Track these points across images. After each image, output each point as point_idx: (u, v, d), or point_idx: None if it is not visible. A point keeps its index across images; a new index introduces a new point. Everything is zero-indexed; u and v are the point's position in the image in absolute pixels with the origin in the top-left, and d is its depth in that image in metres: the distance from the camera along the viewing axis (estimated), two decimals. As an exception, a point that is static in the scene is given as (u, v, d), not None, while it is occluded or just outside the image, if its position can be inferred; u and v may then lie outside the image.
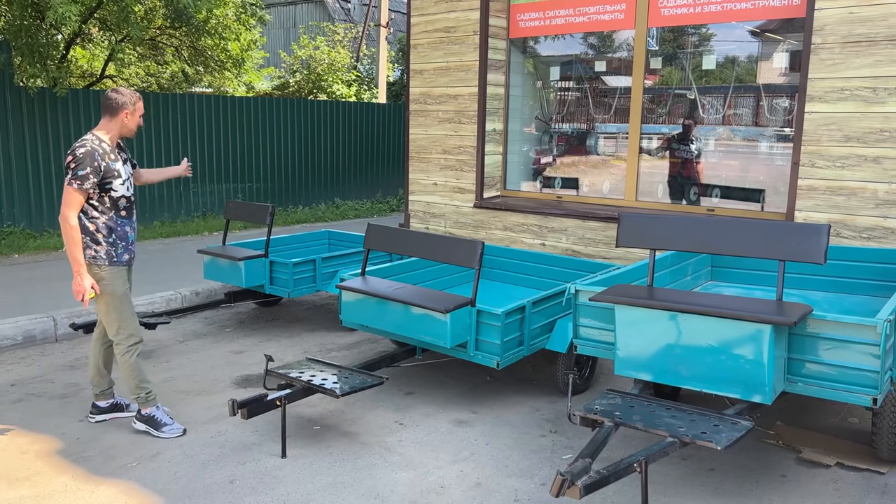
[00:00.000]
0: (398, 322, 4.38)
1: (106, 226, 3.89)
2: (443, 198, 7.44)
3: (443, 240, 4.51)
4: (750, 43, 6.26)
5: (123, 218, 3.97)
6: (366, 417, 4.35)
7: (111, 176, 3.86)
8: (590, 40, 7.11)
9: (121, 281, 3.97)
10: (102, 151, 3.82)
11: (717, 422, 2.88)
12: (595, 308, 3.64)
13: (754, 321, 2.90)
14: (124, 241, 3.98)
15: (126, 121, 3.93)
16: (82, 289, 3.80)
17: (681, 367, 3.18)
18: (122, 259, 3.97)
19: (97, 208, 3.87)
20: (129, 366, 4.00)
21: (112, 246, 3.91)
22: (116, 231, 3.93)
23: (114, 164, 3.88)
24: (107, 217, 3.90)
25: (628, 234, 3.61)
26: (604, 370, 5.20)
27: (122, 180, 3.93)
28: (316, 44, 17.28)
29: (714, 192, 6.44)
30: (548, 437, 4.13)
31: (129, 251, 4.02)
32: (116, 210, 3.93)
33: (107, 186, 3.86)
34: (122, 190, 3.93)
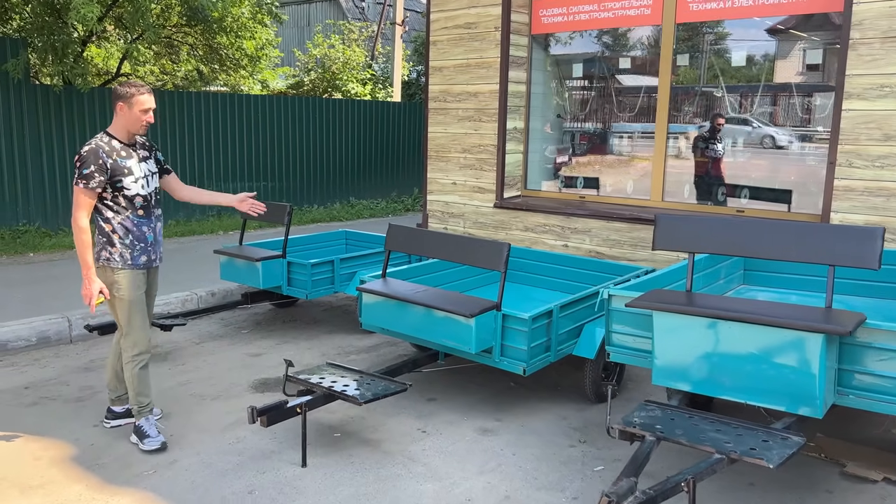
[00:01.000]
0: (420, 326, 4.24)
1: (122, 226, 3.76)
2: (462, 197, 7.29)
3: (467, 241, 4.37)
4: (779, 41, 6.06)
5: (141, 217, 3.82)
6: (387, 424, 4.22)
7: (120, 174, 3.70)
8: (614, 36, 6.94)
9: (134, 285, 3.81)
10: (109, 149, 3.68)
11: (765, 437, 2.72)
12: (630, 314, 3.48)
13: (806, 330, 2.74)
14: (142, 241, 3.82)
15: (123, 114, 3.71)
16: (89, 293, 3.69)
17: (724, 377, 3.01)
18: (138, 261, 3.81)
19: (112, 208, 3.74)
20: (130, 375, 3.87)
21: (128, 248, 3.77)
22: (133, 232, 3.78)
23: (124, 162, 3.72)
24: (122, 217, 3.76)
25: (665, 236, 3.45)
26: (631, 376, 5.03)
27: (134, 178, 3.76)
28: (331, 42, 17.18)
29: (742, 193, 6.25)
30: (577, 447, 3.98)
31: (147, 253, 3.86)
32: (133, 209, 3.78)
33: (118, 185, 3.70)
34: (137, 188, 3.77)
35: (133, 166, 3.76)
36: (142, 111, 3.73)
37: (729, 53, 6.26)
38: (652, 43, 6.62)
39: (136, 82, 3.76)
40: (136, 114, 3.71)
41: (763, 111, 6.30)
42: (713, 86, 6.51)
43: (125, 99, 3.69)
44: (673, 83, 6.24)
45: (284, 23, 13.52)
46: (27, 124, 9.21)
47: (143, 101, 3.72)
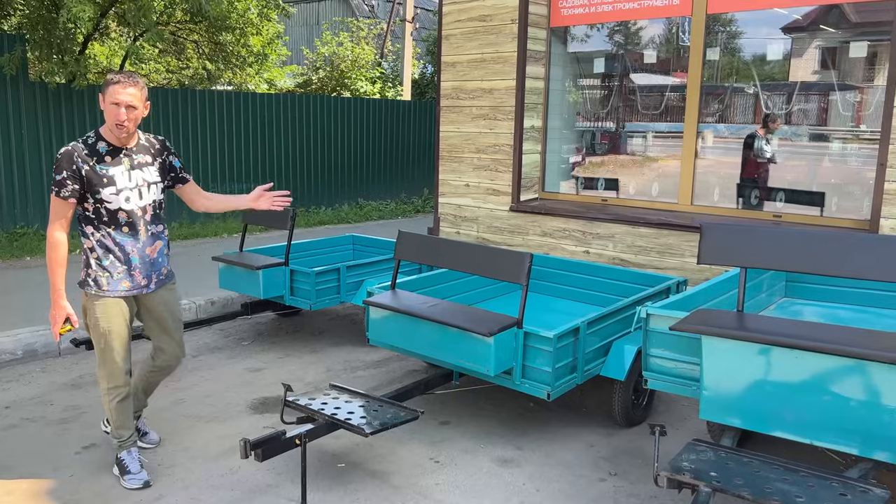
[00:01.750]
0: (433, 344, 3.85)
1: (101, 244, 3.23)
2: (475, 200, 6.89)
3: (485, 251, 3.97)
4: (810, 36, 5.64)
5: (125, 235, 3.24)
6: (397, 453, 3.83)
7: (97, 184, 3.13)
8: (639, 29, 6.52)
9: (111, 315, 3.26)
10: (88, 152, 3.13)
11: (841, 489, 2.31)
12: (672, 336, 3.08)
13: (892, 363, 2.33)
14: (124, 264, 3.25)
15: (103, 108, 3.13)
16: (53, 318, 3.23)
17: (786, 413, 2.61)
18: (116, 287, 3.25)
19: (91, 222, 3.22)
20: (107, 408, 3.44)
21: (105, 270, 3.23)
22: (113, 251, 3.23)
23: (104, 169, 3.15)
24: (102, 233, 3.22)
25: (713, 249, 3.04)
26: (662, 397, 4.62)
27: (115, 189, 3.17)
28: (339, 40, 16.82)
29: (778, 196, 5.83)
30: (608, 480, 3.57)
31: (130, 277, 3.28)
32: (116, 225, 3.22)
33: (97, 196, 3.15)
34: (119, 202, 3.18)
35: (117, 175, 3.19)
36: (112, 104, 3.08)
37: (757, 49, 5.84)
38: (678, 37, 6.20)
39: (123, 71, 3.20)
40: (108, 108, 3.11)
41: (800, 109, 5.87)
42: (743, 83, 6.09)
43: (102, 90, 3.13)
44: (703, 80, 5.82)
45: (292, 21, 13.19)
46: (25, 123, 8.89)
47: (111, 92, 3.07)
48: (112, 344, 3.31)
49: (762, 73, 5.95)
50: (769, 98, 5.97)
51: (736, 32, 5.94)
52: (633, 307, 4.38)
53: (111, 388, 3.38)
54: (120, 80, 3.10)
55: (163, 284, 3.47)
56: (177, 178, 3.53)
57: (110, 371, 3.36)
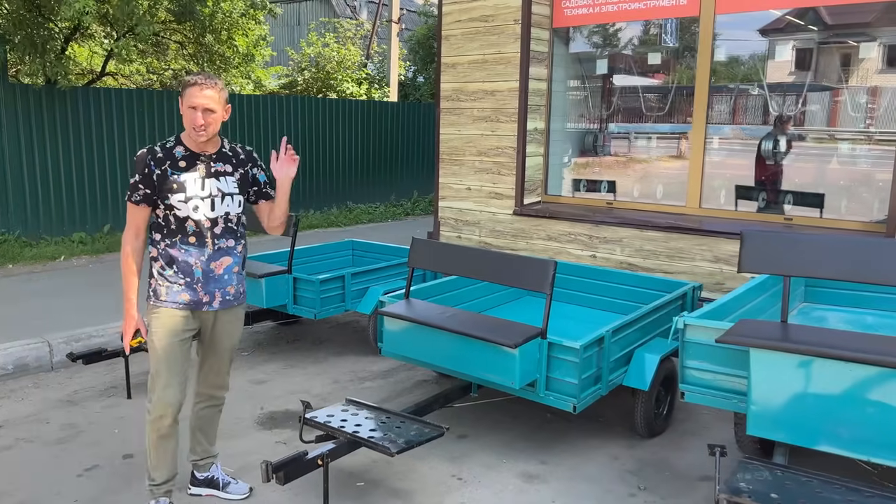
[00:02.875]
0: (454, 356, 3.71)
1: (166, 253, 3.00)
2: (477, 204, 6.76)
3: (505, 259, 3.84)
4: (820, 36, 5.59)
5: (191, 245, 2.99)
6: (417, 470, 3.68)
7: (167, 189, 2.93)
8: (645, 30, 6.43)
9: (168, 328, 2.99)
10: (164, 155, 2.95)
11: (911, 510, 2.21)
12: (711, 348, 2.96)
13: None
14: (187, 275, 2.99)
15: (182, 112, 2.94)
16: (124, 329, 3.06)
17: (840, 428, 2.50)
18: (176, 298, 2.99)
19: (161, 229, 3.01)
20: (147, 441, 3.12)
21: (166, 280, 3.00)
22: (178, 262, 2.99)
23: (177, 175, 2.94)
24: (168, 242, 2.99)
25: (755, 257, 2.93)
26: (680, 405, 4.51)
27: (184, 197, 2.94)
28: (325, 40, 16.60)
29: (787, 199, 5.76)
30: (638, 495, 3.45)
31: (192, 290, 3.00)
32: (182, 234, 2.98)
33: (166, 202, 2.95)
34: (187, 210, 2.95)
35: (188, 182, 2.95)
36: (189, 107, 2.89)
37: (774, 47, 5.78)
38: (685, 36, 6.12)
39: (202, 72, 2.99)
40: (185, 112, 2.91)
41: (809, 110, 5.81)
42: (749, 84, 6.03)
43: (180, 92, 2.93)
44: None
45: (274, 21, 12.96)
46: (5, 125, 8.59)
47: (188, 95, 2.88)
48: (161, 366, 3.00)
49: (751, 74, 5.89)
50: (773, 99, 5.91)
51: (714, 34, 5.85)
52: (652, 314, 4.28)
53: (155, 419, 3.04)
54: (197, 81, 2.88)
55: (228, 306, 3.14)
56: (260, 194, 3.22)
57: (158, 398, 3.02)
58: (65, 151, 9.06)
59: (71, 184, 9.16)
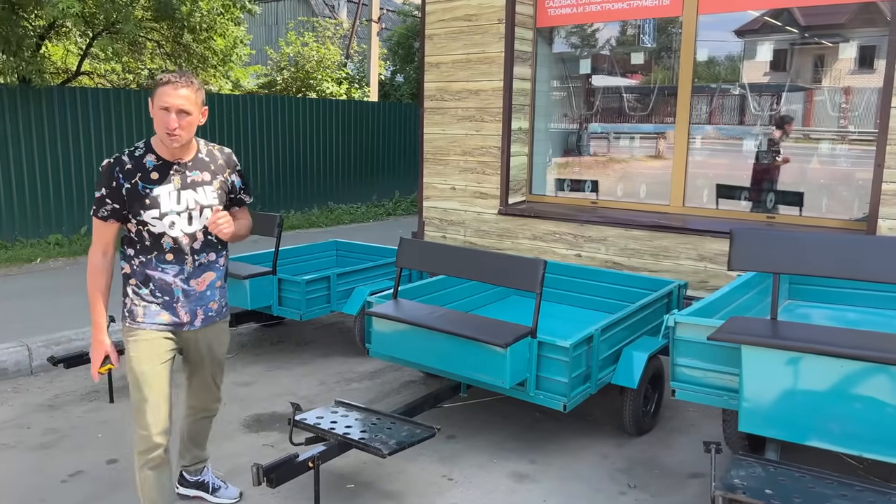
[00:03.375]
0: (444, 356, 3.69)
1: (141, 271, 2.74)
2: (462, 203, 6.75)
3: (495, 258, 3.83)
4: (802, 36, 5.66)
5: (168, 263, 2.73)
6: (407, 471, 3.66)
7: (139, 205, 2.64)
8: (626, 30, 6.47)
9: (148, 352, 2.73)
10: (133, 166, 2.64)
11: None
12: (702, 345, 2.98)
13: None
14: (166, 294, 2.75)
15: (152, 115, 2.64)
16: (92, 356, 2.75)
17: (832, 424, 2.53)
18: (154, 319, 2.74)
19: (134, 244, 2.74)
20: (136, 476, 2.82)
21: (142, 300, 2.74)
22: (154, 281, 2.73)
23: (148, 188, 2.64)
24: (143, 259, 2.73)
25: (744, 255, 2.95)
26: (668, 403, 4.54)
27: (159, 213, 2.67)
28: (304, 40, 16.50)
29: (769, 198, 5.83)
30: (628, 494, 3.47)
31: (171, 309, 2.76)
32: (159, 252, 2.72)
33: (139, 218, 2.67)
34: (162, 227, 2.68)
35: (163, 196, 2.67)
36: (161, 109, 2.58)
37: (756, 47, 5.84)
38: (668, 37, 6.17)
39: (176, 71, 2.68)
40: (157, 114, 2.60)
41: (787, 110, 5.88)
42: (730, 84, 6.09)
43: (151, 93, 2.63)
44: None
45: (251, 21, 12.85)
46: (-21, 126, 8.42)
47: (161, 94, 2.58)
48: (145, 393, 2.72)
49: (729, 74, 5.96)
50: (754, 99, 5.98)
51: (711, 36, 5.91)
52: (640, 313, 4.30)
53: (143, 451, 2.76)
54: (171, 79, 2.59)
55: (210, 322, 2.91)
56: (234, 200, 2.95)
57: (143, 429, 2.74)
58: (40, 152, 8.91)
59: (46, 185, 9.01)
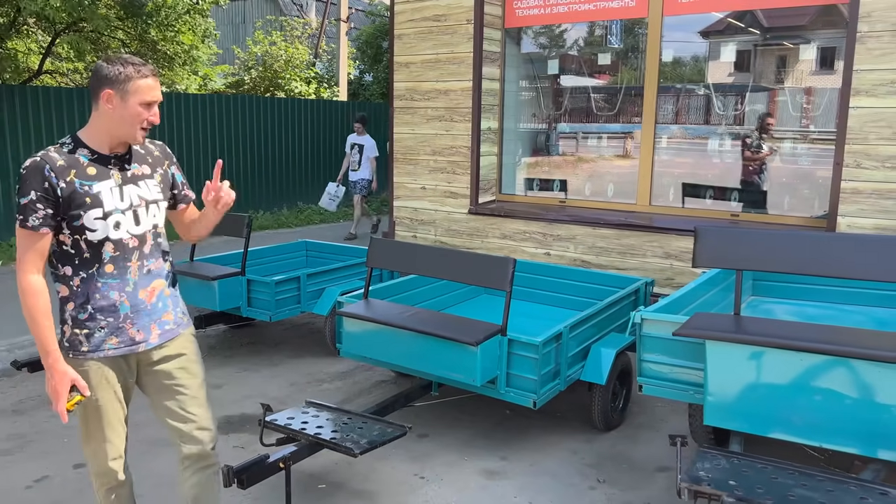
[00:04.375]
0: (415, 355, 3.71)
1: (81, 291, 2.34)
2: (432, 203, 6.77)
3: (465, 257, 3.86)
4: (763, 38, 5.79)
5: (110, 276, 2.35)
6: (379, 471, 3.66)
7: (79, 205, 2.27)
8: (594, 31, 6.55)
9: (98, 386, 2.38)
10: (65, 164, 2.27)
11: (861, 493, 2.31)
12: (668, 341, 3.04)
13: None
14: (110, 314, 2.36)
15: (109, 109, 2.30)
16: (56, 391, 2.28)
17: (793, 416, 2.60)
18: (101, 346, 2.36)
19: (71, 260, 2.33)
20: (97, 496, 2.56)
21: (82, 325, 2.35)
22: (94, 300, 2.34)
23: (88, 186, 2.29)
24: (83, 276, 2.34)
25: (708, 252, 3.02)
26: (636, 399, 4.61)
27: (102, 212, 2.30)
28: (272, 39, 16.37)
29: (733, 196, 5.95)
30: (598, 488, 3.52)
31: (118, 331, 2.37)
32: (98, 263, 2.33)
33: (76, 223, 2.29)
34: (105, 229, 2.32)
35: (104, 192, 2.32)
36: (143, 104, 2.31)
37: (719, 48, 5.95)
38: (634, 37, 6.26)
39: (130, 58, 2.34)
40: (134, 109, 2.30)
41: (751, 110, 6.00)
42: (695, 84, 6.20)
43: (117, 84, 2.28)
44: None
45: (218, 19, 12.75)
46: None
47: (145, 89, 2.31)
48: (97, 421, 2.42)
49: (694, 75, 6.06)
50: (719, 99, 6.09)
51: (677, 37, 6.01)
52: (607, 310, 4.36)
53: (96, 474, 2.52)
54: (144, 72, 2.32)
55: (171, 337, 2.51)
56: (178, 197, 2.63)
57: (98, 463, 2.48)
58: (1, 152, 8.72)
59: (7, 186, 8.82)
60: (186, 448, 2.56)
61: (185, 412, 2.54)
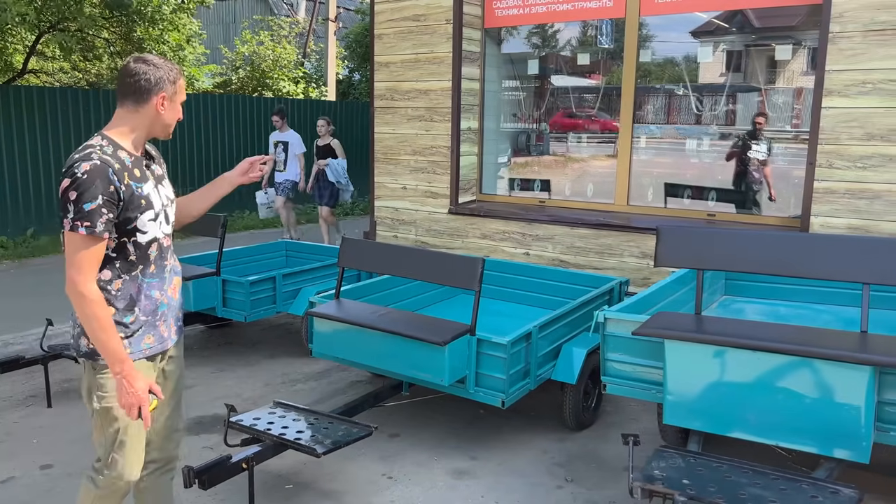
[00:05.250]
0: (384, 355, 3.71)
1: (122, 294, 2.30)
2: (413, 203, 6.77)
3: (434, 257, 3.86)
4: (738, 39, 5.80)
5: (152, 276, 2.36)
6: (347, 471, 3.66)
7: (136, 207, 2.26)
8: (573, 31, 6.55)
9: None
10: (120, 166, 2.22)
11: (812, 491, 2.32)
12: (631, 340, 3.04)
13: (854, 362, 2.35)
14: (150, 314, 2.36)
15: (162, 111, 2.31)
16: (135, 399, 2.21)
17: (749, 415, 2.60)
18: (139, 348, 2.33)
19: (114, 264, 2.29)
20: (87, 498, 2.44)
21: (127, 328, 2.30)
22: (140, 302, 2.33)
23: (140, 187, 2.28)
24: (126, 279, 2.30)
25: (670, 252, 3.02)
26: (609, 398, 4.61)
27: (153, 213, 2.33)
28: (260, 39, 16.34)
29: (710, 196, 5.96)
30: (565, 487, 3.52)
31: (155, 330, 2.38)
32: (144, 265, 2.33)
33: (129, 227, 2.27)
34: (154, 230, 2.34)
35: (152, 194, 2.34)
36: (181, 103, 2.41)
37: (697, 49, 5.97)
38: (615, 38, 6.27)
39: (161, 58, 2.36)
40: (178, 108, 2.38)
41: (728, 110, 6.02)
42: (674, 85, 6.21)
43: (170, 85, 2.30)
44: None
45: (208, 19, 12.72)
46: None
47: (183, 88, 2.41)
48: (136, 433, 2.36)
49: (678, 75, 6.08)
50: (697, 98, 6.11)
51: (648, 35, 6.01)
52: (580, 309, 4.36)
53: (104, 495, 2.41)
54: (179, 70, 2.39)
55: (181, 333, 2.57)
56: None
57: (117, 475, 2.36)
58: (-18, 152, 8.69)
59: (-10, 186, 8.79)
60: (165, 456, 2.55)
61: (176, 419, 2.55)
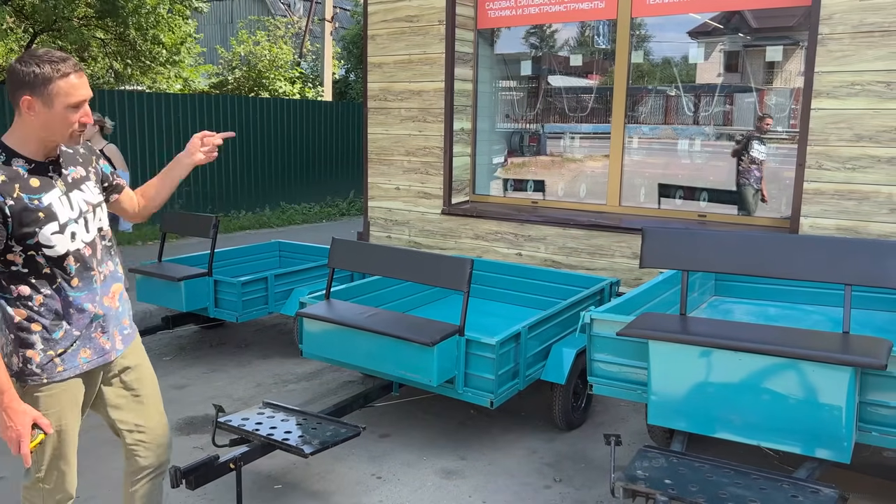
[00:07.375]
0: (373, 355, 3.72)
1: (47, 308, 2.17)
2: (406, 203, 6.78)
3: (423, 257, 3.87)
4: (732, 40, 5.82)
5: (77, 290, 2.22)
6: (336, 470, 3.67)
7: (32, 221, 2.10)
8: (566, 32, 6.57)
9: (60, 409, 2.22)
10: (6, 178, 2.07)
11: (793, 491, 2.33)
12: (617, 341, 3.06)
13: (835, 363, 2.36)
14: (84, 327, 2.23)
15: (33, 115, 2.07)
16: (14, 433, 2.08)
17: (732, 415, 2.62)
18: (75, 363, 2.22)
19: (24, 278, 2.14)
20: None
21: (56, 344, 2.18)
22: (69, 315, 2.20)
23: (35, 199, 2.11)
24: (47, 293, 2.17)
25: (655, 253, 3.04)
26: (598, 398, 4.63)
27: (58, 225, 2.14)
28: (256, 39, 16.35)
29: (702, 196, 5.98)
30: (553, 487, 3.54)
31: (93, 345, 2.26)
32: (64, 278, 2.18)
33: (30, 241, 2.11)
34: (63, 243, 2.16)
35: (55, 204, 2.15)
36: (69, 107, 2.10)
37: (689, 50, 5.99)
38: (608, 39, 6.28)
39: (51, 53, 2.08)
40: (61, 113, 2.09)
41: (719, 112, 6.04)
42: (666, 85, 6.23)
43: (35, 88, 2.05)
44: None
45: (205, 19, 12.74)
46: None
47: (68, 90, 2.08)
48: (58, 456, 2.25)
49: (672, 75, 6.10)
50: (689, 99, 6.12)
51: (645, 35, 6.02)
52: (570, 310, 4.38)
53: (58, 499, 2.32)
54: (64, 69, 2.07)
55: (130, 342, 2.44)
56: (111, 188, 2.46)
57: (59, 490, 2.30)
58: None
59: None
60: (144, 460, 2.49)
61: (145, 425, 2.47)
